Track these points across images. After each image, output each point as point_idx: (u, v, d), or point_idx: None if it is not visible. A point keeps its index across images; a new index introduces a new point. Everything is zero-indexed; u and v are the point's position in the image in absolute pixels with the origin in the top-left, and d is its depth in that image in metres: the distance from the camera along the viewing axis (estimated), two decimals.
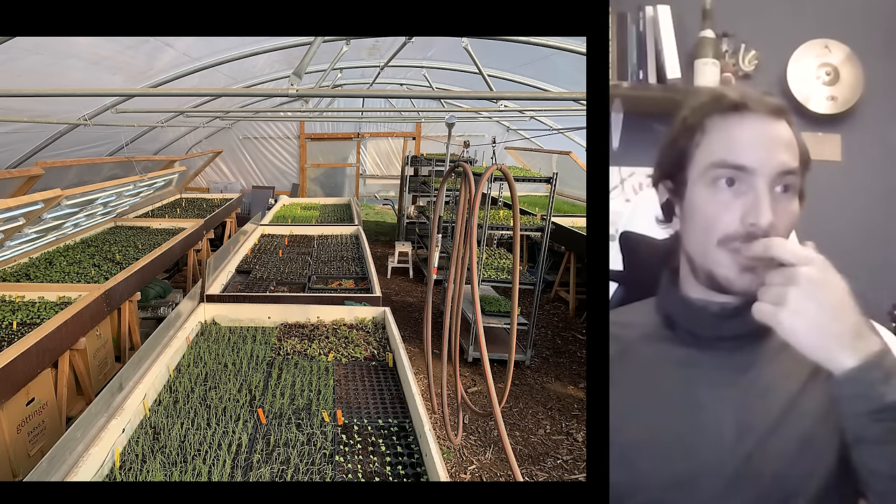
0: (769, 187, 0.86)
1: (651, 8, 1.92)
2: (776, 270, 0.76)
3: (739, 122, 0.89)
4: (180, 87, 4.01)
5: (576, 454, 2.99)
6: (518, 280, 1.59)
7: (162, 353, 2.03)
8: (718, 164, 0.89)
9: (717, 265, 0.89)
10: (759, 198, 0.85)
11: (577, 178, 6.87)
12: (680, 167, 0.95)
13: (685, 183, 0.94)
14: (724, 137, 0.90)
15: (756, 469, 0.84)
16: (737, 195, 0.87)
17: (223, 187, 8.77)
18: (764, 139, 0.88)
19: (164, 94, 3.26)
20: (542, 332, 4.69)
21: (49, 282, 3.16)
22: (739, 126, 0.89)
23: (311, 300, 2.74)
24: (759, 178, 0.86)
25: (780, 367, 0.90)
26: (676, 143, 0.95)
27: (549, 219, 3.91)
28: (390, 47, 4.48)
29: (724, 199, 0.88)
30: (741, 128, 0.89)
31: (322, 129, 9.26)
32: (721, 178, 0.88)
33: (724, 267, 0.88)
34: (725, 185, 0.88)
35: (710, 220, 0.89)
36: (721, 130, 0.90)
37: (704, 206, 0.90)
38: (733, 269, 0.87)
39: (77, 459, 1.38)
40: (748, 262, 0.86)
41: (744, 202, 0.87)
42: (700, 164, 0.92)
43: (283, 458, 1.50)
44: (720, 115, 0.91)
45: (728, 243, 0.87)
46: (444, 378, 1.96)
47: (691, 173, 0.93)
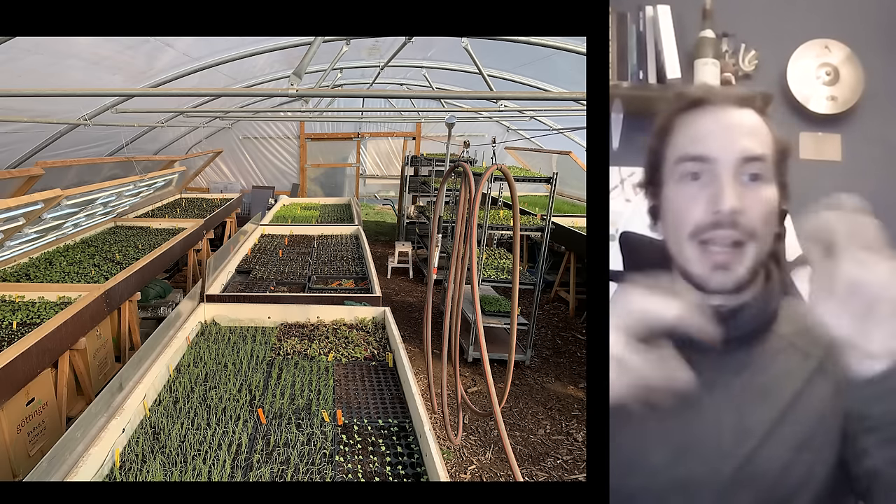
0: (733, 174, 0.88)
1: (651, 8, 1.92)
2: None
3: (701, 115, 0.92)
4: (180, 87, 4.02)
5: (576, 454, 2.99)
6: (518, 280, 1.59)
7: (162, 353, 2.03)
8: (682, 158, 0.91)
9: (689, 262, 0.91)
10: (722, 184, 0.87)
11: (577, 178, 6.87)
12: (656, 170, 0.97)
13: (661, 185, 0.96)
14: (687, 132, 0.92)
15: (755, 471, 0.84)
16: (702, 187, 0.89)
17: (223, 187, 8.77)
18: (723, 127, 0.90)
19: (164, 94, 3.26)
20: (542, 332, 4.69)
21: (49, 282, 3.16)
22: (700, 119, 0.92)
23: (311, 300, 2.74)
24: (720, 165, 0.88)
25: (777, 370, 0.90)
26: (652, 148, 0.98)
27: (549, 219, 3.91)
28: (390, 47, 4.48)
29: (691, 192, 0.90)
30: (702, 120, 0.92)
31: (322, 129, 9.25)
32: (687, 172, 0.91)
33: (697, 264, 0.90)
34: (691, 179, 0.90)
35: (680, 215, 0.91)
36: (685, 127, 0.93)
37: (675, 203, 0.92)
38: (706, 266, 0.89)
39: (77, 459, 1.38)
40: (720, 259, 0.87)
41: (708, 192, 0.89)
42: (669, 162, 0.94)
43: (283, 458, 1.50)
44: (684, 112, 0.94)
45: (697, 235, 0.89)
46: (444, 378, 1.96)
47: (664, 174, 0.96)
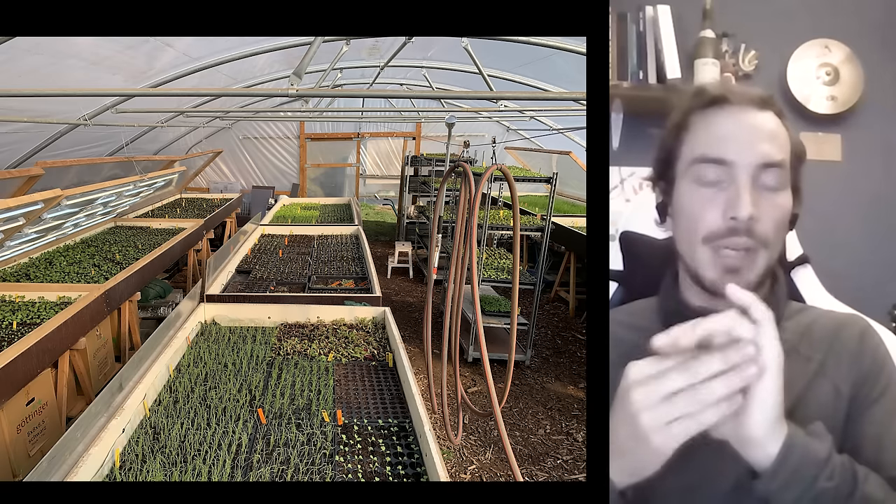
0: (751, 179, 0.85)
1: (651, 8, 1.91)
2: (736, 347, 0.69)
3: (720, 115, 0.89)
4: (180, 87, 4.02)
5: (576, 454, 2.99)
6: (518, 280, 1.59)
7: (162, 353, 2.03)
8: (699, 159, 0.88)
9: (702, 266, 0.88)
10: (739, 190, 0.85)
11: (577, 178, 6.87)
12: (669, 167, 0.95)
13: (673, 182, 0.94)
14: (705, 132, 0.89)
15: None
16: (719, 191, 0.87)
17: (223, 187, 8.77)
18: (744, 130, 0.87)
19: (164, 94, 3.26)
20: (542, 332, 4.69)
21: (49, 282, 3.16)
22: (720, 119, 0.88)
23: (311, 300, 2.74)
24: (739, 169, 0.85)
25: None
26: (665, 143, 0.95)
27: (549, 219, 3.91)
28: (390, 47, 4.47)
29: (708, 195, 0.87)
30: (721, 121, 0.88)
31: (322, 129, 9.25)
32: (703, 174, 0.88)
33: (709, 268, 0.87)
34: (708, 181, 0.87)
35: (694, 217, 0.88)
36: (703, 126, 0.90)
37: (689, 204, 0.90)
38: (717, 271, 0.87)
39: (77, 459, 1.38)
40: (731, 263, 0.85)
41: (726, 197, 0.86)
42: (684, 161, 0.92)
43: (283, 458, 1.50)
44: (702, 110, 0.90)
45: (712, 241, 0.86)
46: (444, 378, 1.96)
47: (678, 172, 0.93)
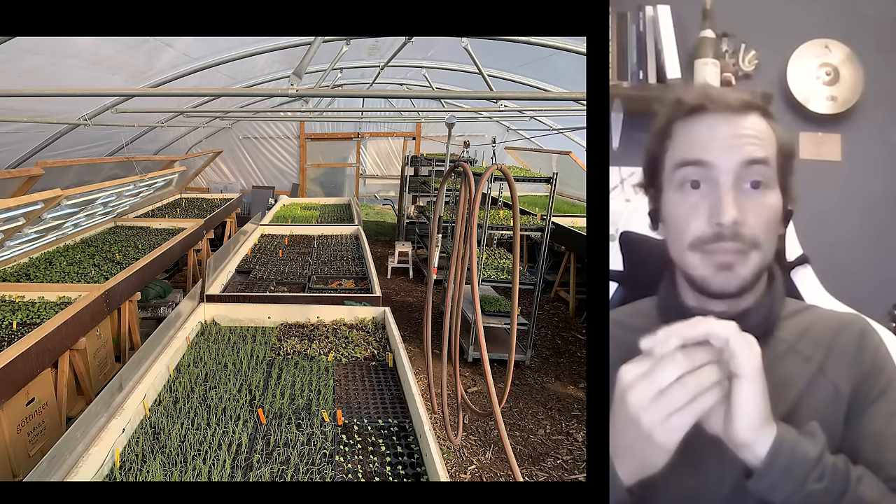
0: (733, 182, 0.86)
1: (651, 8, 1.91)
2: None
3: (701, 120, 0.90)
4: (180, 87, 4.02)
5: (576, 454, 2.99)
6: (518, 280, 1.59)
7: (162, 353, 2.03)
8: (681, 164, 0.89)
9: (691, 267, 0.89)
10: (721, 195, 0.85)
11: (577, 178, 6.87)
12: (656, 174, 0.96)
13: (661, 189, 0.95)
14: (687, 138, 0.90)
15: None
16: (702, 196, 0.88)
17: (223, 187, 8.77)
18: (723, 131, 0.88)
19: (164, 94, 3.27)
20: (542, 332, 4.69)
21: (49, 282, 3.16)
22: (701, 124, 0.90)
23: (311, 300, 2.74)
24: (720, 173, 0.86)
25: (779, 375, 0.90)
26: (651, 151, 0.96)
27: (549, 219, 3.91)
28: (390, 47, 4.47)
29: (692, 201, 0.88)
30: (702, 125, 0.89)
31: (322, 129, 9.25)
32: (686, 178, 0.88)
33: (699, 267, 0.88)
34: (691, 186, 0.88)
35: (681, 224, 0.89)
36: (685, 132, 0.91)
37: (675, 211, 0.91)
38: (708, 267, 0.87)
39: (77, 459, 1.38)
40: (722, 258, 0.86)
41: (709, 203, 0.87)
42: (669, 168, 0.93)
43: (283, 458, 1.50)
44: (682, 118, 0.92)
45: (699, 246, 0.87)
46: (444, 378, 1.96)
47: (664, 179, 0.94)
